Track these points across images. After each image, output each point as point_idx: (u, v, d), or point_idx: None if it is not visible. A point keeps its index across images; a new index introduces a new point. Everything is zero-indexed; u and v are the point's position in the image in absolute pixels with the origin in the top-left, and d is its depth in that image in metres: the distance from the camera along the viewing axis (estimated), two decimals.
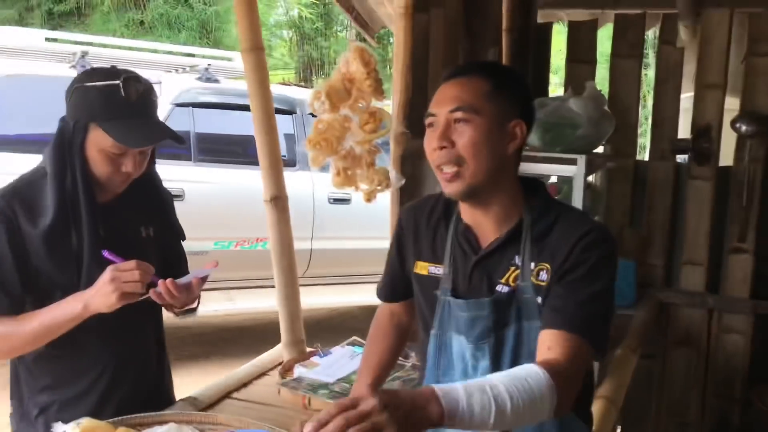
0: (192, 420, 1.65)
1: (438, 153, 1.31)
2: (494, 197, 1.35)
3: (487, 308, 1.34)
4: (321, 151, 1.76)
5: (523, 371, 1.12)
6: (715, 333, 3.05)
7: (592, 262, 1.28)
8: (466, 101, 1.30)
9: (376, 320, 1.72)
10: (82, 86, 1.59)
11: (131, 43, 5.35)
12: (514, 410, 1.04)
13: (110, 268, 1.51)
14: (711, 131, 2.95)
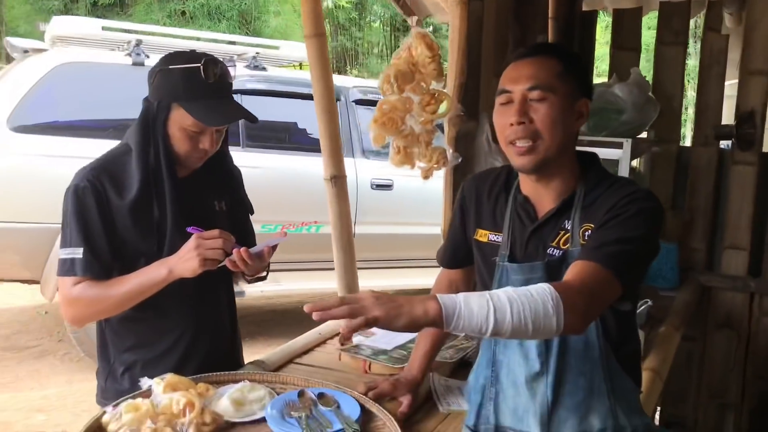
0: (263, 380, 1.78)
1: (515, 128, 1.38)
2: (557, 171, 1.44)
3: (540, 271, 1.42)
4: (385, 130, 1.86)
5: (531, 287, 1.18)
6: (756, 316, 3.10)
7: (630, 212, 1.33)
8: (543, 80, 1.37)
9: (434, 289, 1.81)
10: (166, 69, 1.71)
11: (184, 32, 5.51)
12: (515, 315, 1.11)
13: (195, 236, 1.64)
14: (755, 117, 2.99)
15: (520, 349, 1.46)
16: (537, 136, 1.38)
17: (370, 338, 2.14)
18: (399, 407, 1.69)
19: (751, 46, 3.00)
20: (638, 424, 1.44)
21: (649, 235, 1.36)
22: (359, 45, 14.86)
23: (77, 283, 1.67)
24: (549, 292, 1.16)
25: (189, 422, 1.50)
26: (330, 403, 1.63)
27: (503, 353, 1.50)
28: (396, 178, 5.24)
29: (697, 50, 7.66)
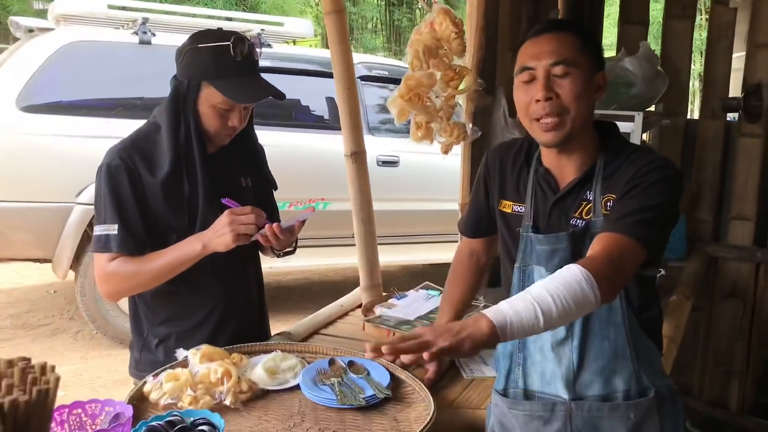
0: (294, 349, 1.84)
1: (542, 104, 1.40)
2: (578, 143, 1.46)
3: (565, 241, 1.46)
4: (411, 106, 1.90)
5: (559, 272, 1.22)
6: (762, 286, 3.17)
7: (651, 180, 1.37)
8: (565, 55, 1.39)
9: (456, 259, 1.86)
10: (195, 47, 1.74)
11: (191, 9, 5.51)
12: (558, 308, 1.16)
13: (227, 212, 1.69)
14: (762, 89, 3.03)
15: None
16: (564, 111, 1.40)
17: (393, 309, 2.19)
18: (425, 374, 1.75)
19: (759, 19, 3.04)
20: (661, 385, 1.49)
21: (670, 201, 1.40)
22: (354, 20, 14.77)
23: (113, 259, 1.72)
24: (579, 271, 1.20)
25: (227, 390, 1.55)
26: (360, 371, 1.69)
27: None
28: (402, 154, 5.28)
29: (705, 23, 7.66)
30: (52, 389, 0.85)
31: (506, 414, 1.56)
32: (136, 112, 4.39)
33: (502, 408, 1.57)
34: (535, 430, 1.51)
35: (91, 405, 1.28)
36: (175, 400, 1.50)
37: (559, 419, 1.48)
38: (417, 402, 1.59)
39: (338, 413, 1.52)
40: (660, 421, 1.47)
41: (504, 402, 1.56)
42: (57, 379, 0.84)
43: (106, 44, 4.52)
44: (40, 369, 0.87)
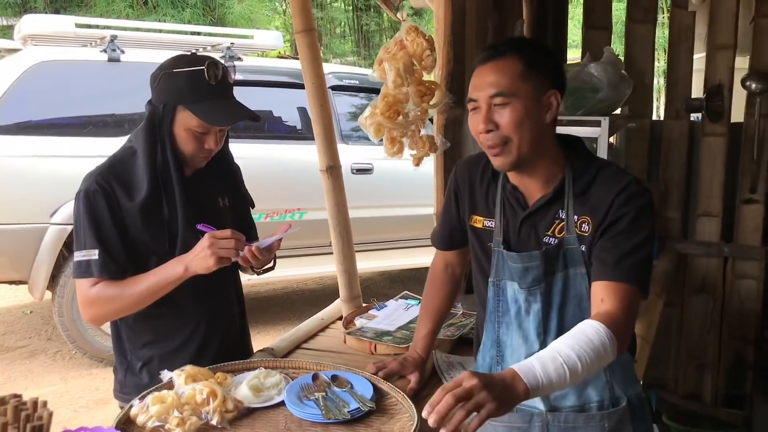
0: (277, 366, 1.86)
1: (484, 136, 1.44)
2: (538, 162, 1.49)
3: (538, 259, 1.50)
4: (390, 122, 1.94)
5: (584, 329, 1.28)
6: (730, 279, 3.26)
7: (632, 215, 1.43)
8: (503, 85, 1.41)
9: (432, 272, 1.89)
10: (170, 72, 1.76)
11: (159, 25, 5.49)
12: (584, 367, 1.22)
13: (208, 235, 1.71)
14: (723, 90, 3.12)
15: (519, 331, 1.55)
16: (506, 140, 1.43)
17: (373, 321, 2.23)
18: (407, 385, 1.79)
19: (717, 22, 3.12)
20: (633, 394, 1.54)
21: (652, 230, 1.46)
22: (321, 25, 14.78)
23: (95, 284, 1.73)
24: (605, 333, 1.27)
25: (213, 410, 1.57)
26: (343, 384, 1.72)
27: (506, 334, 1.59)
28: (375, 162, 5.32)
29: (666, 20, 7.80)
30: (46, 425, 0.87)
31: (486, 426, 1.60)
32: (108, 130, 4.39)
33: None
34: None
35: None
36: (162, 423, 1.52)
37: (536, 430, 1.53)
38: (401, 413, 1.63)
39: (324, 428, 1.55)
40: (633, 428, 1.52)
41: None
42: (50, 415, 0.86)
43: (74, 63, 4.51)
44: (33, 405, 0.89)
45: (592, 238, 1.47)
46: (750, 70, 3.09)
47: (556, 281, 1.51)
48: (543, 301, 1.51)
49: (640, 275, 1.42)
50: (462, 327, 2.17)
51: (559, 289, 1.51)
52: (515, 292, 1.55)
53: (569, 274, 1.50)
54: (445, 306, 1.89)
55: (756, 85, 3.03)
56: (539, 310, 1.52)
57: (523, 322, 1.54)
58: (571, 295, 1.51)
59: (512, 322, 1.56)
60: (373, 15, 15.40)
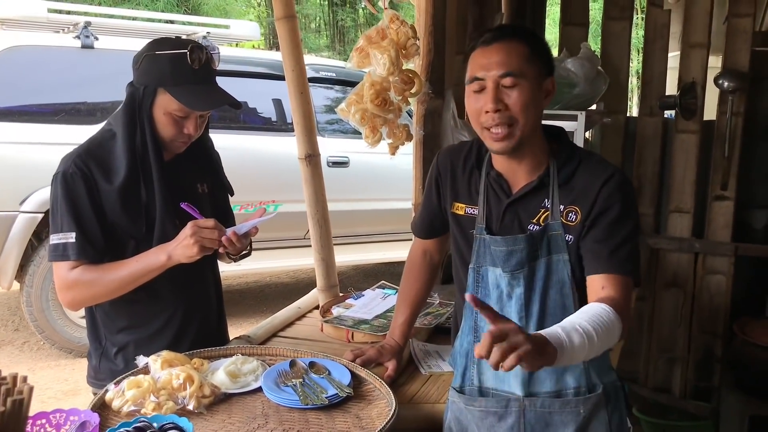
0: (254, 353, 1.86)
1: (491, 115, 1.44)
2: (529, 149, 1.51)
3: (522, 243, 1.51)
4: (378, 109, 1.95)
5: (594, 309, 1.34)
6: (701, 275, 3.30)
7: (620, 205, 1.47)
8: (514, 66, 1.42)
9: (410, 259, 1.91)
10: (152, 54, 1.74)
11: (134, 13, 5.42)
12: (599, 340, 1.28)
13: (191, 224, 1.69)
14: (696, 88, 3.16)
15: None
16: (513, 121, 1.44)
17: (350, 309, 2.23)
18: (385, 372, 1.79)
19: (691, 21, 3.17)
20: (608, 381, 1.57)
21: (638, 219, 1.52)
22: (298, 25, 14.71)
23: (73, 268, 1.71)
24: (612, 313, 1.33)
25: (190, 395, 1.57)
26: (321, 371, 1.72)
27: (483, 320, 1.57)
28: (351, 155, 5.31)
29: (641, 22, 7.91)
30: (27, 399, 0.86)
31: (462, 410, 1.62)
32: (80, 118, 4.32)
33: (459, 405, 1.62)
34: (490, 425, 1.57)
35: (56, 415, 1.28)
36: (138, 407, 1.50)
37: (512, 415, 1.54)
38: (378, 399, 1.63)
39: (301, 413, 1.55)
40: (608, 414, 1.55)
41: (460, 399, 1.61)
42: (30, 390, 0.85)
43: (47, 49, 4.43)
44: (12, 380, 0.87)
45: (580, 227, 1.49)
46: (723, 68, 3.13)
47: (539, 266, 1.53)
48: (526, 286, 1.53)
49: (633, 265, 1.47)
50: (439, 316, 2.19)
51: (542, 274, 1.53)
52: (497, 277, 1.56)
53: (552, 260, 1.52)
54: (423, 293, 1.90)
55: (728, 84, 3.07)
56: (522, 294, 1.53)
57: (504, 307, 1.55)
58: (554, 281, 1.53)
59: (493, 307, 1.57)
60: (348, 11, 15.38)
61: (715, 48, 3.25)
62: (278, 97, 5.22)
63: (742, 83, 3.07)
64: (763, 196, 3.24)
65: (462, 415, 1.62)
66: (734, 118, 3.12)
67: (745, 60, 3.10)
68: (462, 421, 1.62)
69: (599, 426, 1.54)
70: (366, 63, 1.99)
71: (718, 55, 3.24)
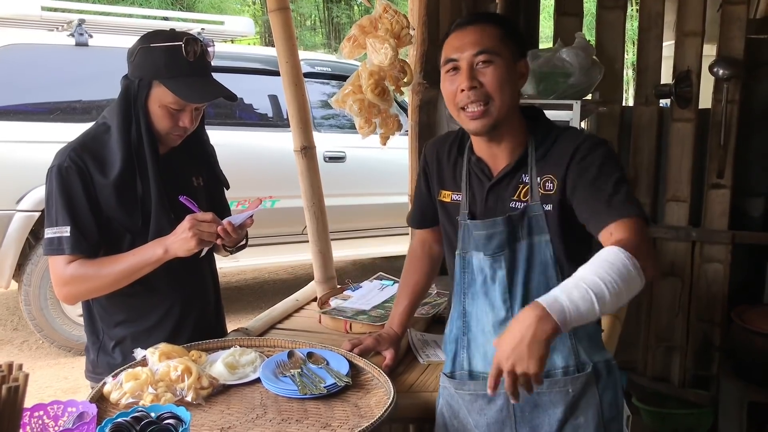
0: (252, 344, 1.86)
1: (467, 93, 1.47)
2: (507, 130, 1.53)
3: (501, 225, 1.52)
4: (378, 99, 1.95)
5: (601, 255, 1.27)
6: (698, 263, 3.31)
7: (599, 159, 1.46)
8: (488, 45, 1.47)
9: (410, 250, 1.92)
10: (147, 47, 1.73)
11: (129, 10, 5.42)
12: (611, 291, 1.21)
13: (189, 218, 1.69)
14: (691, 76, 3.16)
15: (485, 299, 1.57)
16: (488, 98, 1.47)
17: (348, 301, 2.23)
18: (383, 361, 1.80)
19: (686, 9, 3.17)
20: (599, 359, 1.56)
21: (623, 171, 1.49)
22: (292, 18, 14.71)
23: (70, 262, 1.71)
24: (624, 255, 1.25)
25: (188, 387, 1.57)
26: (319, 361, 1.72)
27: (471, 304, 1.61)
28: (348, 149, 5.31)
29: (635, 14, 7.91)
30: (22, 386, 0.86)
31: (453, 395, 1.63)
32: (75, 116, 4.31)
33: (450, 390, 1.63)
34: (479, 408, 1.58)
35: (53, 406, 1.28)
36: (136, 399, 1.50)
37: (501, 397, 1.54)
38: (377, 388, 1.64)
39: (300, 403, 1.55)
40: (599, 393, 1.55)
41: (451, 384, 1.63)
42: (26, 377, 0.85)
43: (41, 47, 4.43)
44: (8, 368, 0.87)
45: (560, 196, 1.49)
46: (717, 56, 3.13)
47: (520, 248, 1.54)
48: (508, 268, 1.54)
49: (633, 206, 1.42)
50: (437, 306, 2.19)
51: (524, 256, 1.53)
52: (480, 262, 1.57)
53: (534, 242, 1.53)
54: (423, 284, 1.91)
55: (723, 71, 3.07)
56: (504, 277, 1.54)
57: (489, 291, 1.56)
58: (536, 262, 1.53)
59: (478, 292, 1.59)
60: (344, 7, 15.37)
61: (709, 36, 3.25)
62: (274, 93, 5.21)
63: (736, 71, 3.07)
64: (759, 184, 3.24)
65: (453, 400, 1.63)
66: (729, 106, 3.12)
67: (739, 47, 3.09)
68: (453, 405, 1.64)
69: (589, 405, 1.54)
70: (357, 52, 1.99)
71: (713, 43, 3.24)
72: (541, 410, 1.54)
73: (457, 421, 1.63)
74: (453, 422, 1.63)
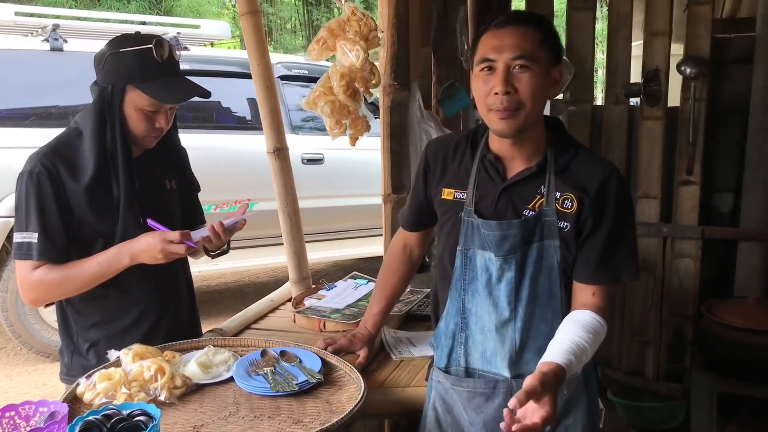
0: (225, 344, 1.88)
1: (500, 97, 1.44)
2: (530, 135, 1.52)
3: (516, 228, 1.52)
4: (350, 100, 1.97)
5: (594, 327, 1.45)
6: (669, 258, 3.36)
7: (619, 212, 1.51)
8: (527, 50, 1.43)
9: (390, 251, 1.91)
10: (116, 52, 1.75)
11: (103, 14, 5.40)
12: (590, 354, 1.43)
13: (160, 239, 1.71)
14: (660, 75, 3.22)
15: (489, 299, 1.57)
16: (520, 105, 1.45)
17: (322, 300, 2.26)
18: (356, 360, 1.82)
19: (653, 9, 3.22)
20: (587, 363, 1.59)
21: (634, 217, 1.59)
22: (272, 21, 14.71)
23: (36, 268, 1.72)
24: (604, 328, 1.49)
25: (161, 386, 1.59)
26: (292, 360, 1.75)
27: (471, 302, 1.61)
28: (326, 152, 5.33)
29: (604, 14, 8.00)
30: None
31: (449, 390, 1.64)
32: (51, 121, 4.30)
33: (445, 384, 1.65)
34: (477, 405, 1.60)
35: (24, 407, 1.30)
36: (109, 400, 1.52)
37: (500, 396, 1.58)
38: (348, 384, 1.66)
39: (272, 400, 1.58)
40: (587, 395, 1.60)
41: (447, 379, 1.64)
42: None
43: (15, 52, 4.40)
44: None
45: (576, 217, 1.51)
46: (685, 55, 3.19)
47: (531, 251, 1.54)
48: (517, 270, 1.54)
49: (629, 269, 1.55)
50: (409, 303, 2.22)
51: (534, 259, 1.54)
52: (486, 261, 1.57)
53: (544, 246, 1.54)
54: (400, 286, 1.91)
55: (690, 70, 3.13)
56: (512, 279, 1.55)
57: (493, 290, 1.57)
58: (544, 266, 1.54)
59: (480, 291, 1.59)
60: (323, 10, 15.38)
61: (677, 36, 3.31)
62: (252, 96, 5.22)
63: (703, 69, 3.13)
64: (727, 180, 3.30)
65: (447, 395, 1.65)
66: (697, 104, 3.18)
67: (706, 47, 3.16)
68: (447, 400, 1.65)
69: (579, 405, 1.60)
70: (326, 54, 2.02)
71: (681, 42, 3.30)
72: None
73: (450, 417, 1.65)
74: (446, 417, 1.65)
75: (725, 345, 2.81)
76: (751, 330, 2.72)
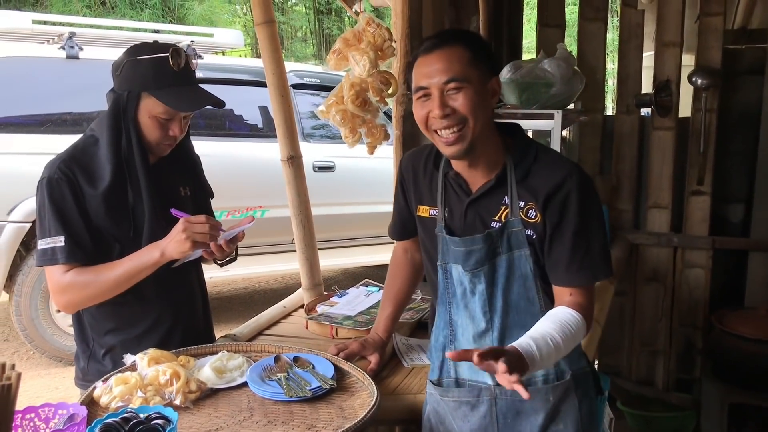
0: (239, 350, 1.90)
1: (440, 120, 1.45)
2: (483, 149, 1.53)
3: (480, 242, 1.54)
4: (359, 110, 2.00)
5: (565, 318, 1.44)
6: (680, 269, 3.37)
7: (581, 211, 1.49)
8: (457, 72, 1.44)
9: (393, 257, 1.95)
10: (133, 60, 1.78)
11: (118, 23, 5.46)
12: (564, 349, 1.40)
13: (183, 220, 1.73)
14: (671, 85, 3.24)
15: (466, 311, 1.60)
16: (462, 120, 1.46)
17: (334, 307, 2.28)
18: (368, 366, 1.84)
19: (665, 20, 3.24)
20: (578, 367, 1.61)
21: (600, 212, 1.55)
22: (283, 30, 14.80)
23: (66, 271, 1.74)
24: (581, 323, 1.46)
25: (176, 390, 1.60)
26: (305, 365, 1.76)
27: (456, 314, 1.63)
28: (337, 159, 5.36)
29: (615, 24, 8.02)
30: (15, 384, 0.90)
31: (439, 402, 1.67)
32: (66, 128, 4.36)
33: (436, 396, 1.67)
34: (463, 414, 1.62)
35: (44, 409, 1.32)
36: (125, 403, 1.54)
37: (484, 404, 1.59)
38: (361, 390, 1.68)
39: (286, 406, 1.59)
40: (578, 400, 1.60)
41: (437, 390, 1.67)
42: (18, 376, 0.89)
43: (32, 60, 4.47)
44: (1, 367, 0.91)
45: (542, 226, 1.51)
46: (696, 66, 3.21)
47: (500, 263, 1.55)
48: (487, 282, 1.56)
49: (601, 268, 1.52)
50: (421, 311, 2.24)
51: (504, 270, 1.55)
52: (460, 275, 1.59)
53: (513, 256, 1.54)
54: (406, 288, 1.93)
55: (702, 81, 3.15)
56: (484, 291, 1.56)
57: (469, 303, 1.59)
58: (516, 276, 1.55)
59: (459, 303, 1.61)
60: (334, 19, 15.47)
61: (688, 46, 3.33)
62: (264, 104, 5.26)
63: (715, 80, 3.15)
64: (738, 190, 3.31)
65: (439, 407, 1.68)
66: (708, 115, 3.20)
67: (717, 57, 3.18)
68: (439, 412, 1.68)
69: (569, 411, 1.59)
70: (343, 65, 2.05)
71: (692, 53, 3.32)
72: (522, 417, 1.58)
73: (443, 427, 1.67)
74: (439, 428, 1.67)
75: (735, 355, 2.81)
76: (762, 341, 2.72)
